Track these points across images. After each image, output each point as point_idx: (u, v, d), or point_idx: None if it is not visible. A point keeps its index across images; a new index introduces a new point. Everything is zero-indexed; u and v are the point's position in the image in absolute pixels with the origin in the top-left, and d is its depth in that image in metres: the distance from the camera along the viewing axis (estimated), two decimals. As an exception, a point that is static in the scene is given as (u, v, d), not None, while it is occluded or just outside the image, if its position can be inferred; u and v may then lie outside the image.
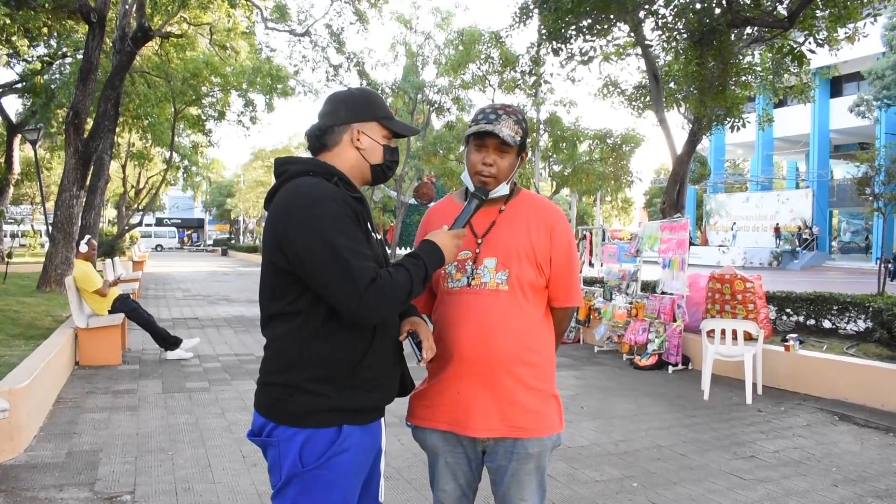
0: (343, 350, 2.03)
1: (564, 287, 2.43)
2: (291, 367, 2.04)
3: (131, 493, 4.40)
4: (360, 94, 2.25)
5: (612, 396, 7.37)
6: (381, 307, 1.95)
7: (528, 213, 2.40)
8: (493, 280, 2.33)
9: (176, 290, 19.67)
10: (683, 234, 9.05)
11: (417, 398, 2.46)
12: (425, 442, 2.45)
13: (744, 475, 4.88)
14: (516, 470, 2.35)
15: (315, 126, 2.21)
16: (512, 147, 2.33)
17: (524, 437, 2.33)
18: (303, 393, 2.02)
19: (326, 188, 2.02)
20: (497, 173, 2.33)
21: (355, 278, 1.90)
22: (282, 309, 2.06)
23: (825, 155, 37.95)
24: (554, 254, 2.38)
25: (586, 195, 23.87)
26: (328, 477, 2.02)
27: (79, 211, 14.23)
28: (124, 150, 28.74)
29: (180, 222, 75.64)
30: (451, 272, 2.39)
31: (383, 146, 2.22)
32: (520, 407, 2.32)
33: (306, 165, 2.11)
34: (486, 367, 2.30)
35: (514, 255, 2.33)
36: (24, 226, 43.33)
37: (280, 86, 21.07)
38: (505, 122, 2.32)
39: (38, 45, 20.87)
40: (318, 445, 2.01)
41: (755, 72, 13.34)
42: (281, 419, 2.04)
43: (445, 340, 2.36)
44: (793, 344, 7.73)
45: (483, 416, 2.31)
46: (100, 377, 7.76)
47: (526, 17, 11.74)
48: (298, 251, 1.95)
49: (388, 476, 4.68)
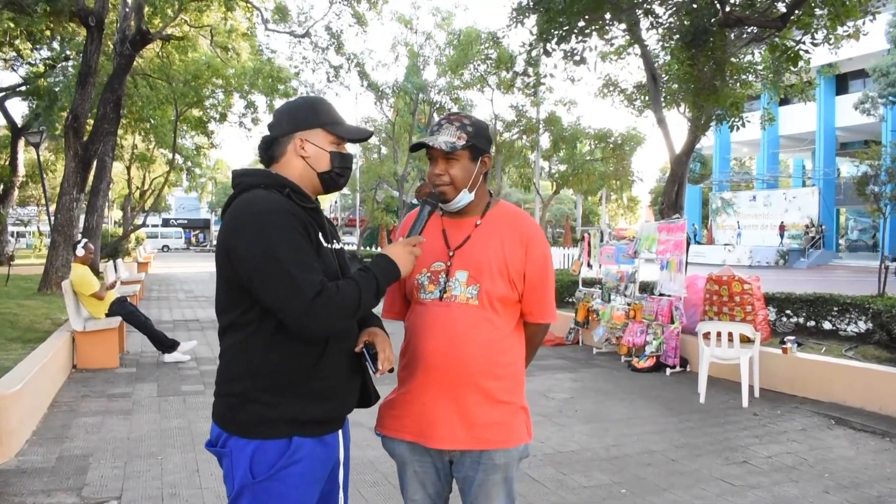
0: (293, 360, 2.03)
1: (538, 302, 2.41)
2: (242, 377, 2.04)
3: (118, 498, 4.41)
4: (303, 103, 2.24)
5: (607, 399, 7.34)
6: (326, 320, 1.94)
7: (502, 227, 2.38)
8: (463, 294, 2.32)
9: (179, 292, 19.70)
10: (681, 236, 9.01)
11: (386, 407, 2.45)
12: (393, 451, 2.44)
13: (734, 481, 4.85)
14: (483, 480, 2.34)
15: (263, 138, 2.21)
16: (456, 153, 2.31)
17: (490, 449, 2.32)
18: (253, 403, 2.02)
19: (274, 200, 2.01)
20: (451, 181, 2.32)
21: (300, 291, 1.90)
22: (233, 320, 2.07)
23: (831, 153, 37.74)
24: (528, 269, 2.36)
25: (589, 195, 23.80)
26: (279, 489, 2.01)
27: (79, 213, 14.27)
28: (128, 153, 28.79)
29: (186, 223, 75.69)
30: (423, 283, 2.37)
31: (331, 153, 2.19)
32: (485, 420, 2.31)
33: (258, 178, 2.11)
34: (452, 379, 2.29)
35: (486, 270, 2.32)
36: (30, 227, 43.54)
37: (281, 87, 21.08)
38: (445, 131, 2.31)
39: (41, 48, 20.95)
40: (268, 457, 2.01)
41: (756, 70, 13.27)
42: (232, 429, 2.05)
43: (414, 351, 2.35)
44: (790, 346, 7.68)
45: (448, 428, 2.30)
46: (96, 380, 7.77)
47: (522, 17, 11.72)
48: (245, 264, 1.96)
49: (375, 482, 4.71)
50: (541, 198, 23.15)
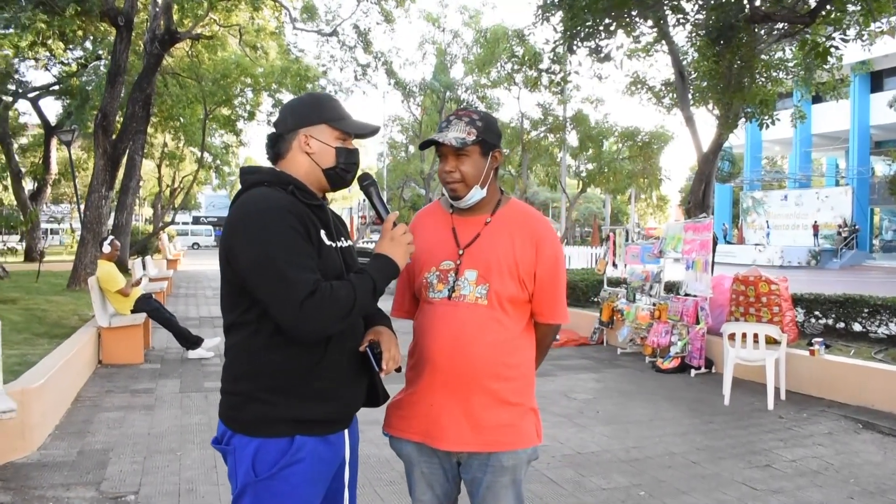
0: (294, 360, 2.02)
1: (549, 303, 2.37)
2: (244, 376, 2.05)
3: (136, 493, 4.43)
4: (308, 99, 2.23)
5: (630, 400, 7.25)
6: (319, 320, 1.92)
7: (513, 226, 2.34)
8: (472, 293, 2.28)
9: (206, 289, 19.86)
10: (707, 235, 8.88)
11: (393, 408, 2.43)
12: (401, 452, 2.42)
13: (757, 485, 4.75)
14: (491, 483, 2.31)
15: (268, 135, 2.20)
16: (466, 149, 2.27)
17: (498, 451, 2.28)
18: (255, 402, 2.02)
19: (274, 199, 2.00)
20: (461, 178, 2.29)
21: (292, 291, 1.88)
22: (235, 319, 2.08)
23: (865, 151, 37.03)
24: (539, 269, 2.32)
25: (616, 193, 23.58)
26: (281, 488, 2.00)
27: (108, 211, 14.44)
28: (158, 151, 29.13)
29: (216, 220, 76.39)
30: (432, 282, 2.34)
31: (336, 148, 2.16)
32: (493, 421, 2.27)
33: (262, 176, 2.10)
34: (460, 380, 2.26)
35: (496, 269, 2.28)
36: (63, 224, 44.21)
37: (309, 85, 21.17)
38: (454, 127, 2.28)
39: (74, 48, 21.26)
40: (270, 455, 2.00)
41: (787, 67, 13.05)
42: (236, 427, 2.05)
43: (421, 351, 2.33)
44: (818, 348, 7.53)
45: (455, 429, 2.27)
46: (120, 376, 7.85)
47: (547, 14, 11.63)
48: (242, 263, 1.96)
49: (391, 481, 4.69)
50: (567, 196, 22.96)
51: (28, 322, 9.08)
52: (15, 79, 22.91)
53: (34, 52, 20.42)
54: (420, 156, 26.02)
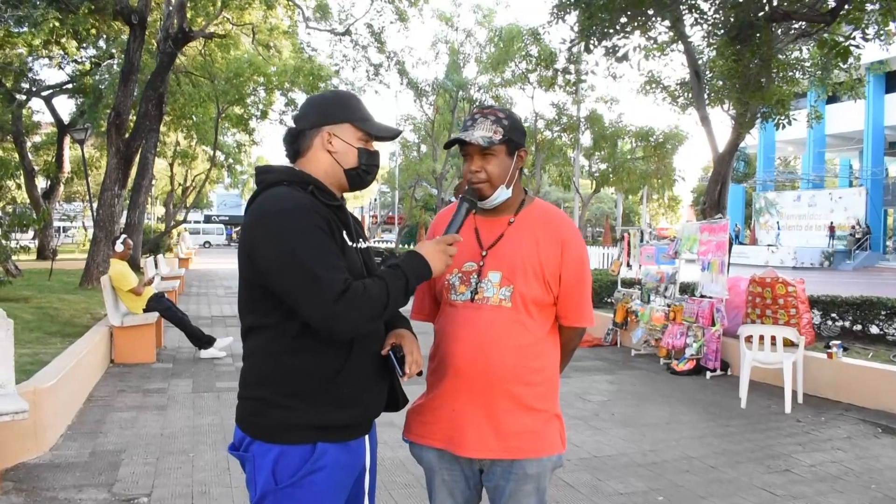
0: (317, 365, 1.96)
1: (574, 306, 2.31)
2: (265, 381, 1.99)
3: (148, 495, 4.40)
4: (332, 96, 2.18)
5: (645, 403, 7.18)
6: (352, 319, 1.86)
7: (537, 227, 2.29)
8: (496, 295, 2.22)
9: (218, 288, 19.87)
10: (723, 236, 8.79)
11: (414, 413, 2.37)
12: (421, 458, 2.36)
13: (776, 490, 4.68)
14: (514, 491, 2.25)
15: (288, 131, 2.14)
16: (493, 148, 2.22)
17: (522, 458, 2.22)
18: (276, 408, 1.97)
19: (296, 198, 1.95)
20: (488, 177, 2.23)
21: (324, 289, 1.83)
22: (255, 322, 2.02)
23: (880, 152, 36.72)
24: (564, 271, 2.25)
25: (630, 194, 23.46)
26: (302, 496, 1.95)
27: (120, 210, 14.46)
28: (171, 149, 29.21)
29: (228, 219, 76.61)
30: (455, 284, 2.28)
31: (358, 149, 2.11)
32: (517, 428, 2.21)
33: (281, 175, 2.05)
34: (483, 385, 2.20)
35: (520, 271, 2.22)
36: (76, 222, 44.40)
37: (322, 84, 21.14)
38: (480, 126, 2.21)
39: (87, 46, 21.33)
40: (292, 462, 1.95)
41: (803, 67, 12.92)
42: (256, 434, 1.99)
43: (443, 355, 2.27)
44: (836, 351, 7.44)
45: (477, 436, 2.21)
46: (133, 375, 7.83)
47: (563, 13, 11.55)
48: (267, 265, 1.90)
49: (406, 484, 4.64)
50: (580, 196, 22.89)
51: (40, 321, 9.08)
52: (29, 77, 23.00)
53: (48, 51, 20.53)
54: (432, 155, 25.94)
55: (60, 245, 29.68)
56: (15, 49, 19.81)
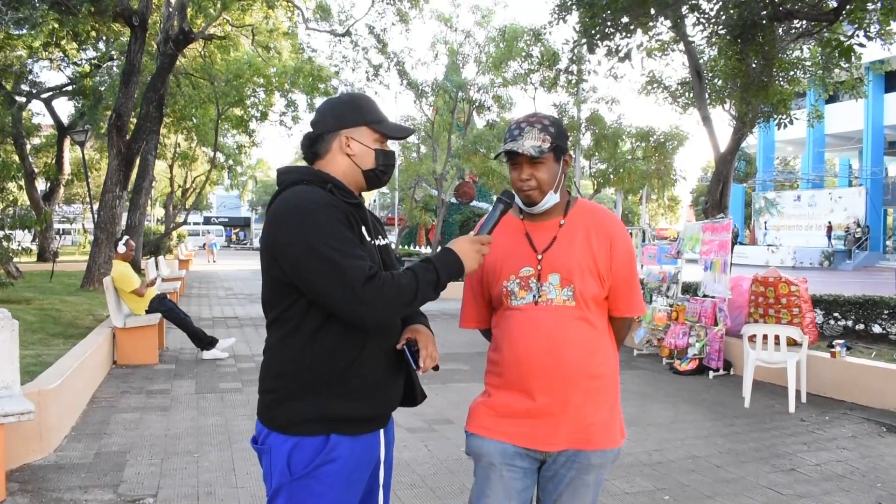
0: (331, 358, 2.00)
1: (626, 297, 2.40)
2: (281, 374, 2.04)
3: (154, 495, 4.39)
4: (347, 100, 2.22)
5: (649, 403, 7.18)
6: (380, 306, 1.91)
7: (587, 225, 2.38)
8: (559, 296, 2.31)
9: (219, 289, 19.89)
10: (726, 236, 8.80)
11: (483, 407, 2.41)
12: (481, 451, 2.36)
13: (782, 490, 4.68)
14: (574, 479, 2.32)
15: (306, 135, 2.19)
16: (542, 156, 2.28)
17: (587, 449, 2.29)
18: (291, 400, 2.01)
19: (317, 195, 2.00)
20: (538, 185, 2.32)
21: (348, 277, 1.87)
22: (276, 316, 2.07)
23: (879, 152, 36.75)
24: (615, 264, 2.36)
25: (630, 194, 23.42)
26: (316, 487, 1.98)
27: (121, 211, 14.45)
28: (171, 151, 29.19)
29: (227, 221, 76.63)
30: (514, 290, 2.36)
31: (375, 150, 2.17)
32: (588, 419, 2.30)
33: (301, 175, 2.10)
34: (556, 381, 2.28)
35: (577, 270, 2.31)
36: (76, 224, 44.35)
37: (322, 86, 21.11)
38: (528, 135, 2.29)
39: (87, 48, 21.32)
40: (305, 454, 1.98)
41: (804, 66, 12.91)
42: (272, 426, 2.04)
43: (513, 355, 2.33)
44: (839, 350, 7.44)
45: (551, 429, 2.28)
46: (136, 376, 7.83)
47: (564, 13, 11.55)
48: (290, 260, 1.94)
49: (412, 484, 4.63)
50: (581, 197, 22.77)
51: (43, 322, 9.07)
52: (28, 79, 22.99)
53: (48, 53, 20.52)
54: (432, 156, 25.89)
55: (60, 247, 29.64)
56: (15, 51, 19.80)
